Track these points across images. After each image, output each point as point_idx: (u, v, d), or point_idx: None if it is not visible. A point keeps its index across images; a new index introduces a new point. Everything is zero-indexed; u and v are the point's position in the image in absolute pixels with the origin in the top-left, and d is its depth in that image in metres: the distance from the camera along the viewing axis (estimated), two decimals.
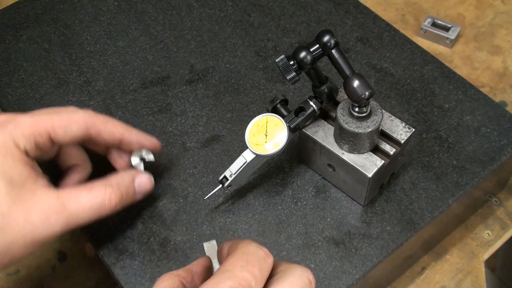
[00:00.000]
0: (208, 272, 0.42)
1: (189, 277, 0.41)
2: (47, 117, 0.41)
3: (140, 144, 0.47)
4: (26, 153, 0.40)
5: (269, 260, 0.36)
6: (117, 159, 0.48)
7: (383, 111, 0.43)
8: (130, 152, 0.48)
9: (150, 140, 0.48)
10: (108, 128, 0.44)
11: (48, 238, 0.39)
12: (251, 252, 0.36)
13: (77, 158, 0.47)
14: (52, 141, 0.42)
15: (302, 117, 0.45)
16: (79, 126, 0.42)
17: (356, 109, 0.42)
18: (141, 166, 0.48)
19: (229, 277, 0.33)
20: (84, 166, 0.47)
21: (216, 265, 0.45)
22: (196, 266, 0.42)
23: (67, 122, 0.42)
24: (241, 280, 0.33)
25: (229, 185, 0.46)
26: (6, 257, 0.38)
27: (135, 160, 0.48)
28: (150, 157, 0.48)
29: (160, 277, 0.40)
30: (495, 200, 0.57)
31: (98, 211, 0.42)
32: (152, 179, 0.48)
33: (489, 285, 0.54)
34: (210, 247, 0.46)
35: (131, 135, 0.46)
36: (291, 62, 0.41)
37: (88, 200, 0.41)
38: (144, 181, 0.46)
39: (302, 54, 0.41)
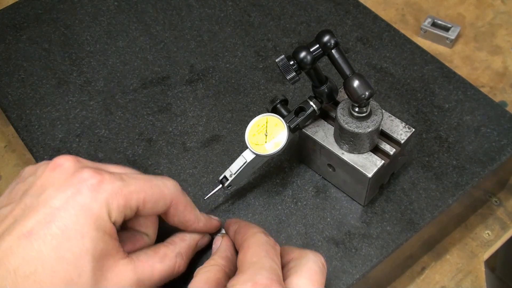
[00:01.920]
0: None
1: (230, 265, 0.40)
2: (140, 188, 0.38)
3: (204, 232, 0.45)
4: (114, 224, 0.37)
5: (277, 247, 0.38)
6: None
7: (383, 111, 0.43)
8: None
9: (215, 226, 0.45)
10: (184, 214, 0.42)
11: None
12: (265, 242, 0.37)
13: (148, 228, 0.43)
14: (136, 213, 0.39)
15: (302, 117, 0.45)
16: (165, 202, 0.40)
17: (356, 109, 0.42)
18: None
19: (261, 267, 0.35)
20: (151, 237, 0.43)
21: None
22: (229, 250, 0.42)
23: (158, 197, 0.39)
24: (272, 269, 0.35)
25: (229, 185, 0.46)
26: None
27: None
28: None
29: (200, 268, 0.39)
30: (495, 200, 0.57)
31: (166, 280, 0.41)
32: (210, 238, 0.46)
33: (489, 285, 0.54)
34: None
35: (199, 225, 0.43)
36: (291, 62, 0.41)
37: (160, 270, 0.40)
38: (204, 243, 0.45)
39: (302, 54, 0.41)
